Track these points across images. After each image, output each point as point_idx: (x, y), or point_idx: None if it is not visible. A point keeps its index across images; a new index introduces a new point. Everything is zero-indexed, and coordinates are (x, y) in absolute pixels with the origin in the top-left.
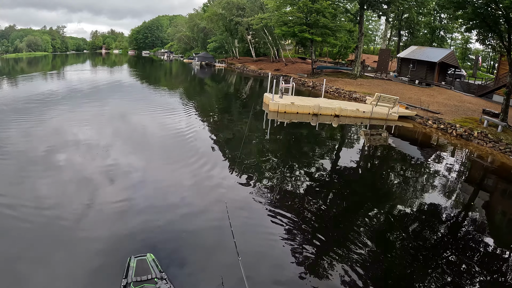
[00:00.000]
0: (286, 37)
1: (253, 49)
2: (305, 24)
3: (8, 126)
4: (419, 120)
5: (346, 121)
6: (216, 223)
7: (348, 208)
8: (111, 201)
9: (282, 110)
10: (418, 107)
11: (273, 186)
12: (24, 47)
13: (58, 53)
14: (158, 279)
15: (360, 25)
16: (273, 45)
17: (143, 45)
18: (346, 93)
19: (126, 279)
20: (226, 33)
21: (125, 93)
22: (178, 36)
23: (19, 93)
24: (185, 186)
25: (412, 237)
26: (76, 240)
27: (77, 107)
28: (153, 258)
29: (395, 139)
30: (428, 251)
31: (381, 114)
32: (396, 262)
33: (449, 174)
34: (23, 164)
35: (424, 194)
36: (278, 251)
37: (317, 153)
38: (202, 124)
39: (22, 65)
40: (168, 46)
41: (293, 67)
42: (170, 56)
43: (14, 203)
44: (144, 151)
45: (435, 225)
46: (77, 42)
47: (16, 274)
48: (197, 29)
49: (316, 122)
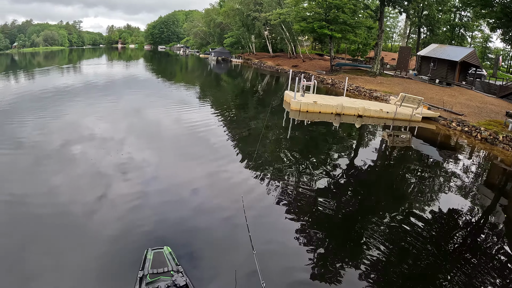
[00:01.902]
0: (305, 33)
1: (270, 44)
2: (324, 20)
3: (24, 119)
4: (442, 121)
5: (369, 122)
6: (230, 218)
7: (365, 209)
8: (125, 194)
9: (304, 109)
10: (441, 108)
11: (290, 183)
12: (41, 42)
13: (74, 47)
14: (174, 272)
15: (380, 22)
16: (290, 41)
17: (159, 40)
18: (367, 91)
19: (143, 271)
20: (242, 28)
21: (140, 87)
22: (194, 31)
23: (35, 86)
24: (200, 181)
25: (430, 242)
26: (90, 232)
27: (92, 101)
28: (170, 251)
29: (418, 141)
30: (446, 257)
31: (405, 115)
32: (412, 266)
33: (473, 179)
34: (37, 156)
35: (445, 199)
36: (291, 248)
37: (337, 154)
38: (218, 120)
39: (39, 59)
40: (184, 41)
41: (311, 63)
42: (186, 51)
43: (28, 195)
44: (158, 146)
45: (454, 231)
46: (93, 37)
47: (29, 265)
48: (213, 24)
49: (338, 122)
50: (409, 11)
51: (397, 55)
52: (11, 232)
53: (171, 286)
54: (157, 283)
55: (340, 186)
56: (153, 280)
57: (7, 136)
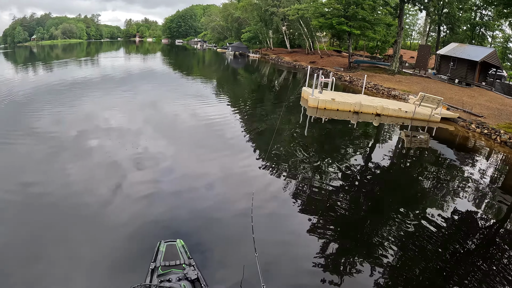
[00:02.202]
0: (323, 29)
1: (287, 40)
2: (343, 16)
3: (41, 110)
4: (461, 123)
5: (387, 121)
6: (242, 214)
7: (379, 210)
8: (140, 186)
9: (322, 107)
10: (460, 108)
11: (304, 181)
12: (59, 34)
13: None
14: (186, 265)
15: (399, 19)
16: (308, 37)
17: (176, 33)
18: (385, 90)
19: (155, 263)
20: (260, 23)
21: (157, 80)
22: (212, 25)
23: (53, 78)
24: (214, 175)
25: (443, 246)
26: (104, 223)
27: (109, 93)
28: (182, 244)
29: (436, 142)
30: (459, 262)
31: (424, 115)
32: (425, 271)
33: (490, 183)
34: (53, 147)
35: (461, 202)
36: (302, 246)
37: (353, 153)
38: (234, 114)
39: (57, 52)
40: (202, 35)
41: (329, 60)
42: (204, 45)
43: (43, 185)
44: (174, 139)
45: (468, 236)
46: (111, 30)
47: (43, 255)
48: (231, 19)
49: (356, 121)
50: (429, 9)
51: (415, 53)
52: (27, 222)
53: (182, 279)
54: (169, 275)
55: (355, 186)
56: (165, 273)
57: (25, 127)
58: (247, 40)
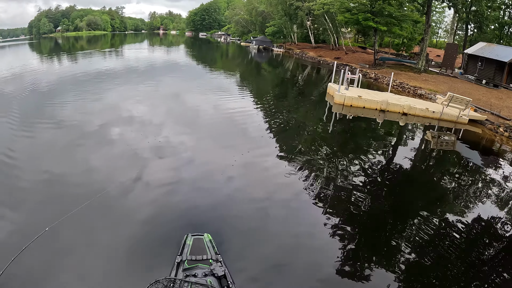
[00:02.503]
0: (349, 24)
1: (312, 35)
2: (370, 12)
3: (66, 99)
4: (489, 125)
5: (414, 120)
6: (263, 209)
7: (400, 210)
8: (159, 178)
9: (348, 104)
10: (488, 110)
11: (326, 178)
12: (84, 26)
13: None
14: (214, 260)
15: (427, 16)
16: (333, 32)
17: (200, 26)
18: (411, 88)
19: (181, 256)
20: (285, 17)
21: (180, 73)
22: (236, 19)
23: (77, 68)
24: (234, 169)
25: (463, 252)
26: (128, 213)
27: (132, 84)
28: (210, 238)
29: (463, 145)
30: (479, 270)
31: (451, 116)
32: (442, 275)
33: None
34: (76, 135)
35: (484, 209)
36: (320, 243)
37: (378, 152)
38: (257, 109)
39: (82, 43)
40: (225, 28)
41: (354, 56)
42: (227, 38)
43: (65, 173)
44: (195, 131)
45: (489, 244)
46: (135, 23)
47: (63, 242)
48: (255, 13)
49: (382, 119)
50: (458, 6)
51: (441, 51)
52: (49, 209)
53: (208, 275)
54: (195, 270)
55: (376, 185)
56: (191, 267)
57: (49, 116)
58: (271, 34)
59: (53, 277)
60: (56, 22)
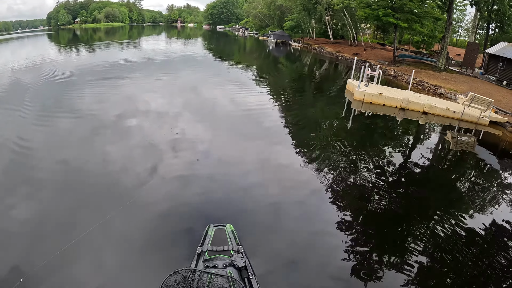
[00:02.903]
0: (369, 20)
1: (331, 30)
2: (390, 8)
3: (83, 89)
4: (510, 128)
5: (434, 120)
6: (276, 203)
7: (412, 211)
8: (175, 170)
9: (368, 100)
10: (509, 112)
11: (339, 174)
12: (102, 18)
13: (134, 24)
14: (235, 251)
15: (448, 13)
16: (352, 28)
17: (218, 20)
18: (431, 87)
19: (202, 247)
20: (303, 12)
21: (197, 65)
22: (254, 13)
23: (95, 60)
24: (250, 163)
25: (478, 257)
26: (136, 204)
27: (149, 76)
28: (232, 229)
29: (482, 147)
30: (493, 276)
31: (472, 116)
32: (456, 278)
33: None
34: (94, 125)
35: (501, 214)
36: (329, 238)
37: (395, 150)
38: (274, 103)
39: (100, 34)
40: (243, 22)
41: (373, 52)
42: (245, 32)
43: (82, 162)
44: (212, 124)
45: (505, 249)
46: (153, 15)
47: (78, 230)
48: (273, 7)
49: (402, 117)
50: (480, 3)
51: (461, 50)
52: (66, 199)
53: (229, 266)
54: (215, 261)
55: (392, 184)
56: (212, 258)
57: (67, 106)
58: (289, 29)
59: (72, 267)
60: (75, 14)
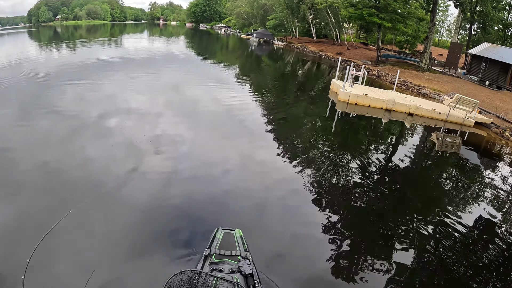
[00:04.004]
0: (353, 20)
1: (314, 29)
2: (374, 7)
3: (64, 89)
4: (495, 129)
5: (420, 121)
6: (258, 202)
7: (396, 212)
8: (157, 170)
9: (353, 102)
10: (493, 113)
11: (322, 174)
12: (84, 15)
13: (116, 22)
14: (242, 257)
15: (432, 14)
16: (335, 27)
17: (200, 18)
18: (415, 87)
19: (209, 249)
20: (287, 11)
21: (179, 64)
22: (237, 11)
23: (76, 58)
24: (231, 162)
25: (458, 255)
26: (117, 202)
27: (131, 75)
28: (241, 234)
29: (467, 148)
30: (475, 272)
31: (458, 118)
32: (440, 275)
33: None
34: (74, 126)
35: (483, 212)
36: (312, 240)
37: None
38: (256, 102)
39: (81, 32)
40: (226, 20)
41: (356, 52)
42: (228, 30)
43: (62, 162)
44: (194, 123)
45: (489, 247)
46: (135, 13)
47: (59, 232)
48: (256, 5)
49: (388, 119)
50: (464, 4)
51: (443, 50)
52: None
53: (235, 271)
54: (222, 265)
55: (376, 185)
56: (218, 261)
57: (47, 106)
58: (272, 28)
59: (78, 263)
60: (56, 11)
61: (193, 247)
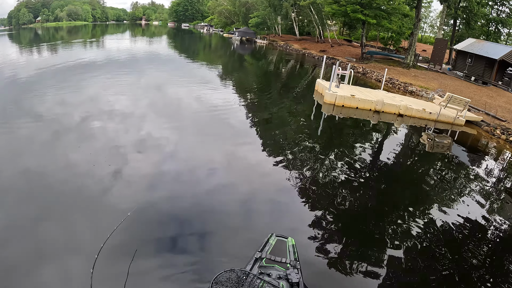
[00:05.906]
0: (337, 16)
1: (297, 27)
2: (358, 4)
3: (45, 91)
4: (485, 127)
5: (410, 122)
6: (243, 203)
7: (389, 213)
8: (140, 172)
9: (340, 103)
10: (482, 110)
11: (308, 174)
12: (65, 16)
13: (98, 23)
14: (291, 266)
15: (417, 10)
16: (318, 25)
17: (183, 17)
18: (401, 84)
19: (261, 253)
20: (269, 8)
21: (162, 64)
22: (219, 9)
23: (57, 60)
24: (215, 163)
25: (448, 254)
26: (101, 205)
27: (113, 76)
28: (293, 243)
29: (458, 148)
30: (463, 269)
31: (448, 117)
32: (426, 271)
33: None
34: (56, 129)
35: (475, 211)
36: (303, 239)
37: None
38: (239, 102)
39: (62, 34)
40: (208, 19)
41: (340, 49)
42: (210, 29)
43: (44, 167)
44: (177, 124)
45: (481, 245)
46: (117, 13)
47: (42, 236)
48: (238, 4)
49: (377, 120)
50: (449, 0)
51: (427, 46)
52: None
53: (282, 278)
54: (270, 270)
55: (366, 187)
56: (267, 266)
57: (27, 109)
58: (254, 26)
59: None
60: (36, 12)
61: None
